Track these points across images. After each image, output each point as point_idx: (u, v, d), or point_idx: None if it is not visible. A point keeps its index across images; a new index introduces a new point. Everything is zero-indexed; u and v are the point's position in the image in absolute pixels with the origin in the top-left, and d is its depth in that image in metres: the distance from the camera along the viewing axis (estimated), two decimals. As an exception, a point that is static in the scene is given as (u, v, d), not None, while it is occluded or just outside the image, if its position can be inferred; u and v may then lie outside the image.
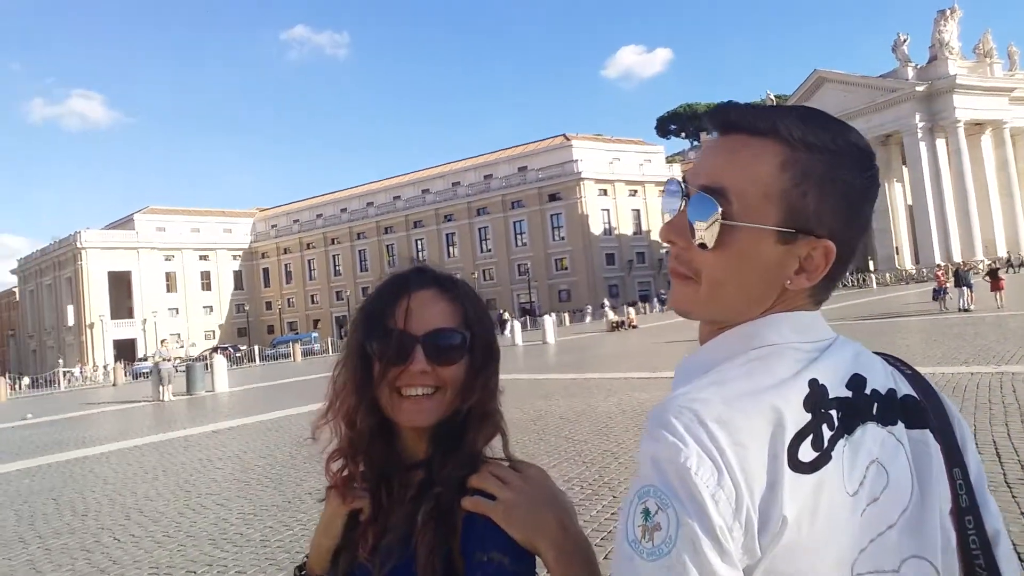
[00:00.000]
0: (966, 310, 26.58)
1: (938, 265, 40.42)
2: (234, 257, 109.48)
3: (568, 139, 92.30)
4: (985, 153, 69.44)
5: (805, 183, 0.84)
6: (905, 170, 72.45)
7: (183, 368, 29.59)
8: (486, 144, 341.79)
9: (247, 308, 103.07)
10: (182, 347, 74.50)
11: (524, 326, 47.17)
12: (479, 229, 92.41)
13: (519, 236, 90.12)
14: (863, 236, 0.91)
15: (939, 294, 29.38)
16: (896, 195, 74.35)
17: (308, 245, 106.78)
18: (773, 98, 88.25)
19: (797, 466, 0.75)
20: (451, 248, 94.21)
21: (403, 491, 1.12)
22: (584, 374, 18.31)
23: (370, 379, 1.11)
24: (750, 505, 0.73)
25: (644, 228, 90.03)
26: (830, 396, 0.81)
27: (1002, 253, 65.69)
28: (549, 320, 38.29)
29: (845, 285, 64.83)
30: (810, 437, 0.77)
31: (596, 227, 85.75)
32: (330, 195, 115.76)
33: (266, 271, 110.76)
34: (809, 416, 0.78)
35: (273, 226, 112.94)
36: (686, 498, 0.72)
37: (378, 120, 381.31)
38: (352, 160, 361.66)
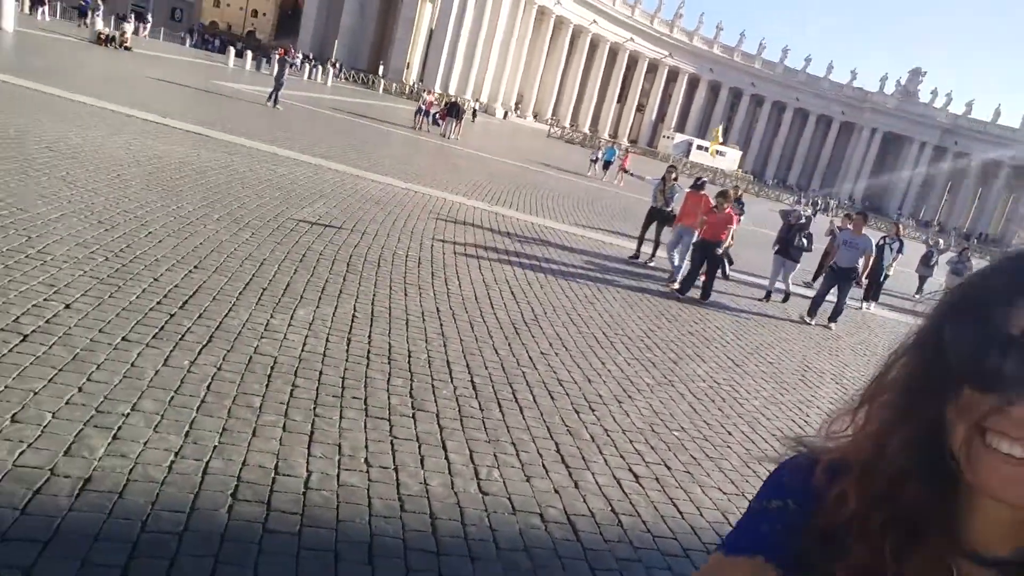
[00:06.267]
0: (447, 136, 30.54)
1: (427, 89, 44.53)
2: None
3: None
4: (502, 10, 77.74)
5: None
6: (438, -6, 76.22)
7: None
8: None
9: None
10: None
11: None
12: None
13: None
14: None
15: (424, 116, 32.38)
16: (425, 14, 78.10)
17: None
18: None
19: None
20: None
21: None
22: (71, 94, 14.66)
23: (938, 393, 0.72)
24: None
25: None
26: None
27: (483, 100, 76.11)
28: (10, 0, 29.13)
29: (355, 80, 66.46)
30: None
31: (96, -97, 67.41)
32: None
33: None
34: None
35: None
36: None
37: None
38: None
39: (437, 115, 32.83)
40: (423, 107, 32.73)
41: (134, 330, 4.60)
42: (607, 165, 31.73)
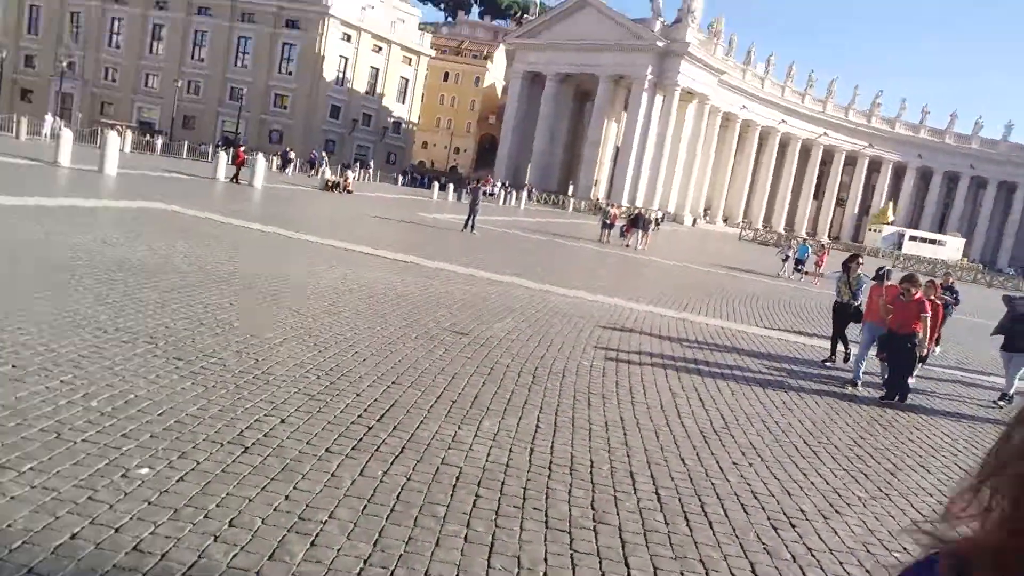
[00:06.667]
0: (631, 246, 31.00)
1: (611, 203, 45.85)
2: None
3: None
4: (687, 121, 79.05)
5: None
6: (624, 114, 79.45)
7: None
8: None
9: None
10: None
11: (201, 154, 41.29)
12: (196, 31, 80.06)
13: (241, 55, 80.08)
14: None
15: (608, 228, 33.25)
16: (610, 133, 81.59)
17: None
18: (539, 2, 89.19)
19: None
20: (155, 43, 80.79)
21: None
22: (301, 235, 16.92)
23: None
24: None
25: (379, 90, 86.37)
26: None
27: (671, 209, 76.43)
28: (262, 161, 34.87)
29: (546, 202, 70.06)
30: None
31: (330, 73, 79.77)
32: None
33: None
34: None
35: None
36: None
37: None
38: None
39: (623, 228, 33.52)
40: (608, 221, 33.58)
41: (336, 442, 5.01)
42: (800, 263, 30.29)
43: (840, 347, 11.55)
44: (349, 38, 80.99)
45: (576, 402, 7.01)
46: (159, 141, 56.93)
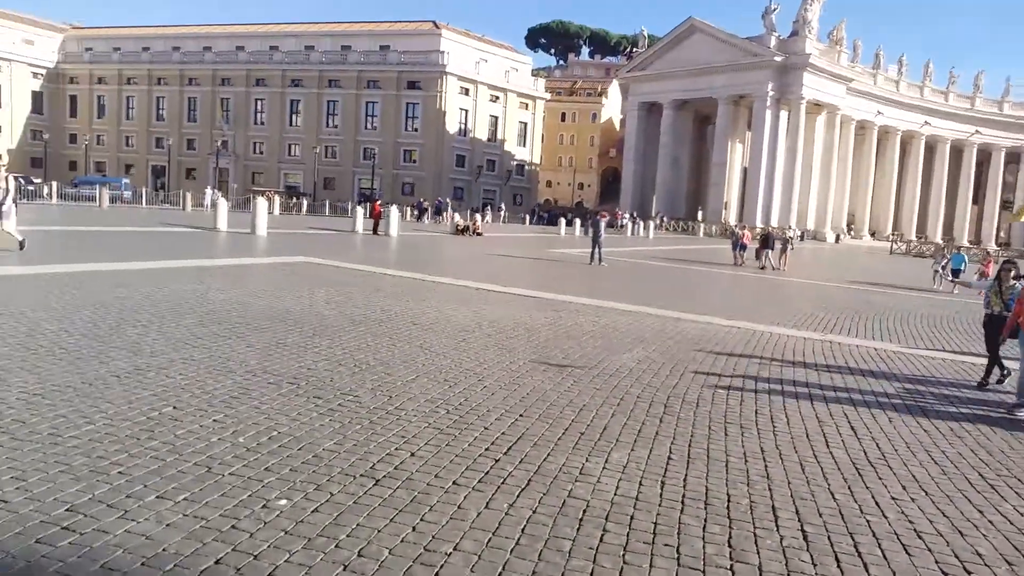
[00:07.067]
0: (767, 267, 30.18)
1: (742, 225, 43.95)
2: (35, 75, 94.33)
3: (438, 27, 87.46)
4: (817, 133, 75.39)
5: None
6: (748, 133, 76.99)
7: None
8: (340, 10, 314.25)
9: (46, 137, 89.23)
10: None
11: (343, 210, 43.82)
12: (328, 102, 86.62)
13: (370, 118, 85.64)
14: None
15: (739, 249, 32.24)
16: (736, 154, 79.14)
17: (129, 80, 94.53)
18: (647, 35, 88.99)
19: None
20: (294, 116, 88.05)
21: None
22: (433, 277, 17.51)
23: None
24: None
25: (499, 136, 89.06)
26: None
27: (810, 226, 72.60)
28: (395, 212, 36.71)
29: (674, 230, 68.73)
30: None
31: (452, 126, 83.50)
32: (162, 28, 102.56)
33: (74, 99, 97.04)
34: None
35: (88, 49, 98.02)
36: None
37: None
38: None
39: (756, 249, 32.23)
40: (740, 242, 32.41)
41: (463, 475, 5.04)
42: (956, 274, 27.45)
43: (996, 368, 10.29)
44: (467, 91, 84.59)
45: (711, 432, 6.68)
46: (304, 202, 61.75)
